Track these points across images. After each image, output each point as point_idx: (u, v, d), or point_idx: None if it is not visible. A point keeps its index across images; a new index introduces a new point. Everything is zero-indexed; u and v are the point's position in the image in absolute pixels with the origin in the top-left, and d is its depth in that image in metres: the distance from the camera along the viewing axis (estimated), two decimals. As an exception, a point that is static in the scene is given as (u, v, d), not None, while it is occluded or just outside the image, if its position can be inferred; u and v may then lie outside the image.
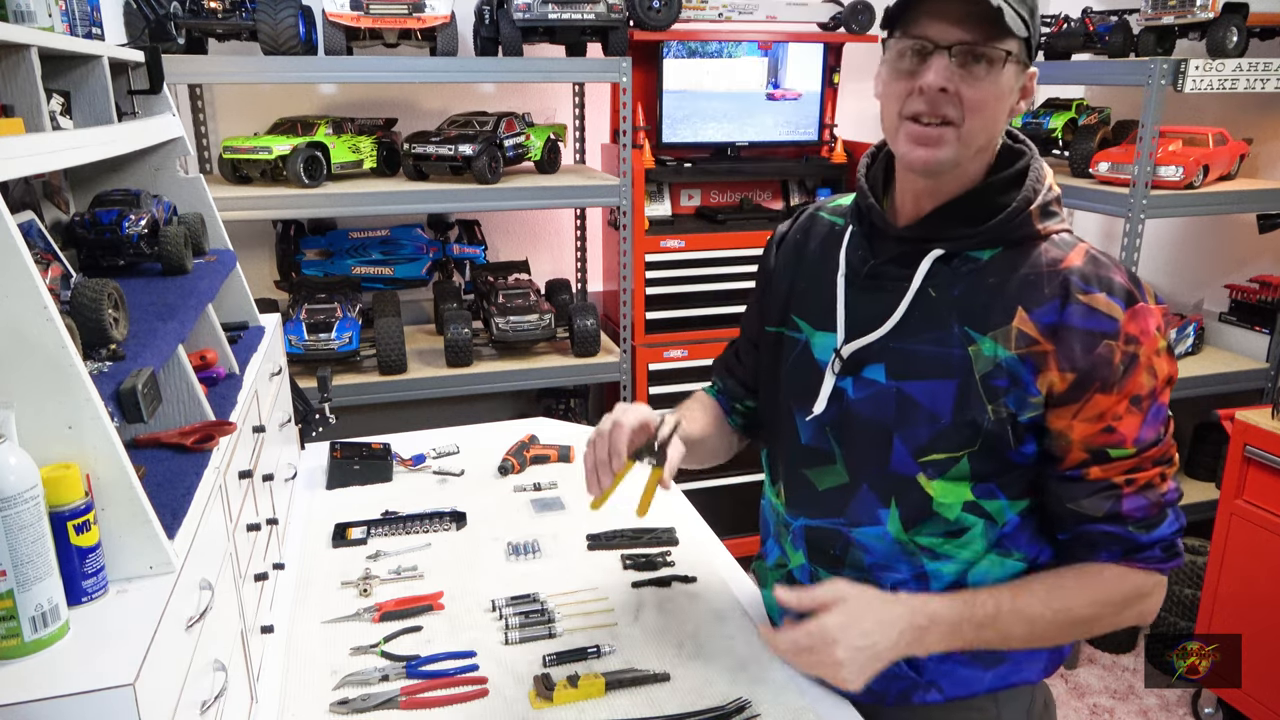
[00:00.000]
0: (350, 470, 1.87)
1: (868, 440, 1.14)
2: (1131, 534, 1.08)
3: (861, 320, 1.14)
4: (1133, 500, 1.08)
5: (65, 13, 1.41)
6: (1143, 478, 1.07)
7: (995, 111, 1.05)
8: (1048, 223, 1.09)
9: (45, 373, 0.84)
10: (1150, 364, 1.04)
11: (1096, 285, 1.04)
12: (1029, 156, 1.12)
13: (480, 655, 1.30)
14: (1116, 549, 1.09)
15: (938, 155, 1.05)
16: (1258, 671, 2.38)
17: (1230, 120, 3.00)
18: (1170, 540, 1.10)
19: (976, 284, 1.08)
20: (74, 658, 0.80)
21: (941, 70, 1.02)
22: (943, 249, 1.10)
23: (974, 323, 1.07)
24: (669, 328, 2.99)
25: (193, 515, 0.99)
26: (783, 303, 1.26)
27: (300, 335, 2.54)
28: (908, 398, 1.10)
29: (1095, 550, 1.11)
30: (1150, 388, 1.05)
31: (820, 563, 1.21)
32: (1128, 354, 1.03)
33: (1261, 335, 3.05)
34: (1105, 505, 1.08)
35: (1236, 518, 2.45)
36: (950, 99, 1.03)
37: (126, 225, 1.43)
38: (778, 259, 1.31)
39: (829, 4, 3.15)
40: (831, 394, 1.16)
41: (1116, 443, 1.06)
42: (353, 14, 2.48)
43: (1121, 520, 1.08)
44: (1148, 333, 1.04)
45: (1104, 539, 1.09)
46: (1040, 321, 1.04)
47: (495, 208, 2.76)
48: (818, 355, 1.20)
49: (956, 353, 1.08)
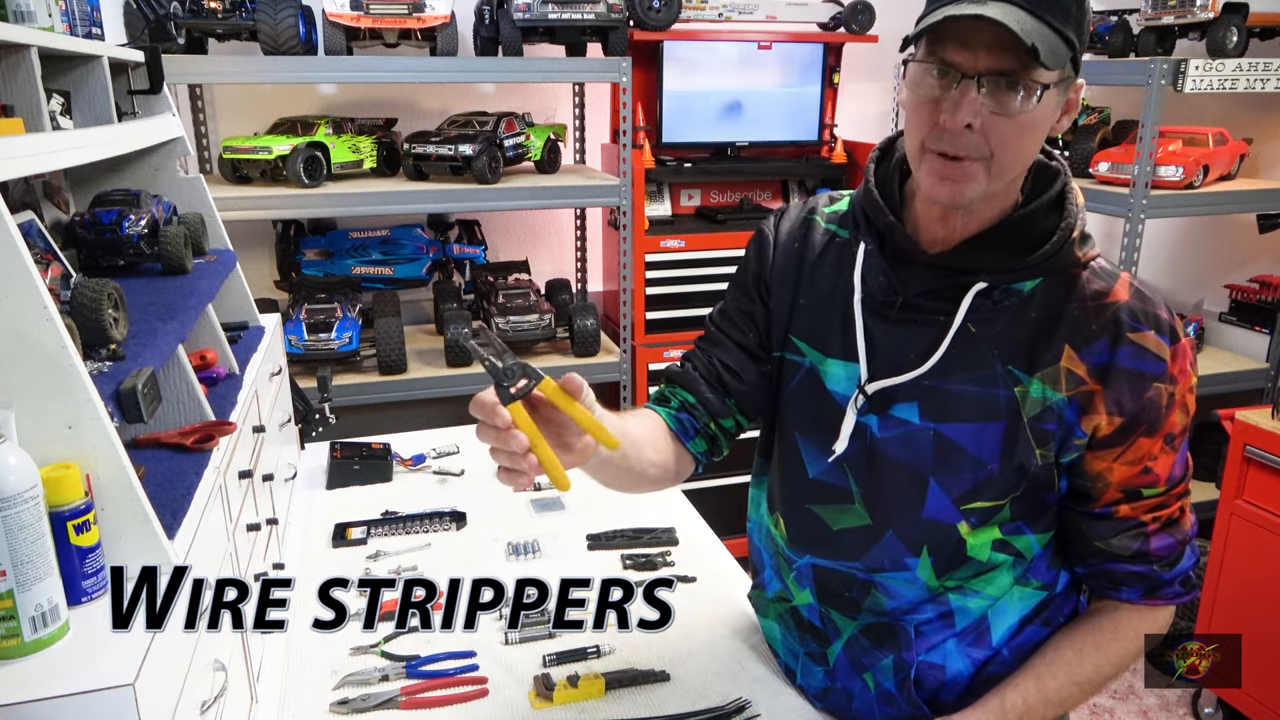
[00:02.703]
0: (350, 470, 1.87)
1: (899, 484, 1.06)
2: (1156, 573, 1.06)
3: (889, 354, 1.05)
4: (1160, 539, 1.05)
5: (65, 13, 1.41)
6: (1166, 514, 1.05)
7: (1029, 142, 0.95)
8: (1086, 249, 1.02)
9: (45, 373, 0.84)
10: (1184, 401, 1.01)
11: (1145, 322, 0.99)
12: (1064, 177, 1.03)
13: (480, 655, 1.30)
14: (1140, 587, 1.07)
15: (964, 193, 0.95)
16: (1258, 671, 2.38)
17: (1230, 120, 3.00)
18: (1188, 574, 1.08)
19: (1019, 319, 1.00)
20: (74, 658, 0.80)
21: (968, 106, 0.90)
22: (986, 281, 1.00)
23: (1019, 362, 1.00)
24: (669, 328, 2.99)
25: (193, 515, 0.99)
26: (783, 322, 1.15)
27: (300, 335, 2.54)
28: (947, 441, 1.03)
29: (1117, 587, 1.08)
30: (1183, 425, 1.02)
31: (833, 605, 1.15)
32: (1169, 394, 0.99)
33: (1261, 335, 3.05)
34: (1133, 545, 1.05)
35: (1236, 518, 2.45)
36: (977, 136, 0.91)
37: (126, 225, 1.43)
38: (775, 268, 1.16)
39: (829, 4, 3.15)
40: (854, 431, 1.08)
41: (1151, 483, 1.03)
42: (353, 14, 2.48)
43: (1148, 559, 1.05)
44: (1185, 371, 1.00)
45: (1128, 578, 1.07)
46: (1089, 361, 0.98)
47: (495, 208, 2.76)
48: (831, 386, 1.10)
49: (1003, 394, 1.00)
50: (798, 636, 1.21)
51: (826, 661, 1.17)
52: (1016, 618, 1.10)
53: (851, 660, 1.14)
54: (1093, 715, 2.75)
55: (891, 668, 1.11)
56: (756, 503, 1.26)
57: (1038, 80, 0.89)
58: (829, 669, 1.17)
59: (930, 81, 0.92)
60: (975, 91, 0.90)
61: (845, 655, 1.15)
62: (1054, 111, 0.94)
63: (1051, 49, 0.87)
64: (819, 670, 1.19)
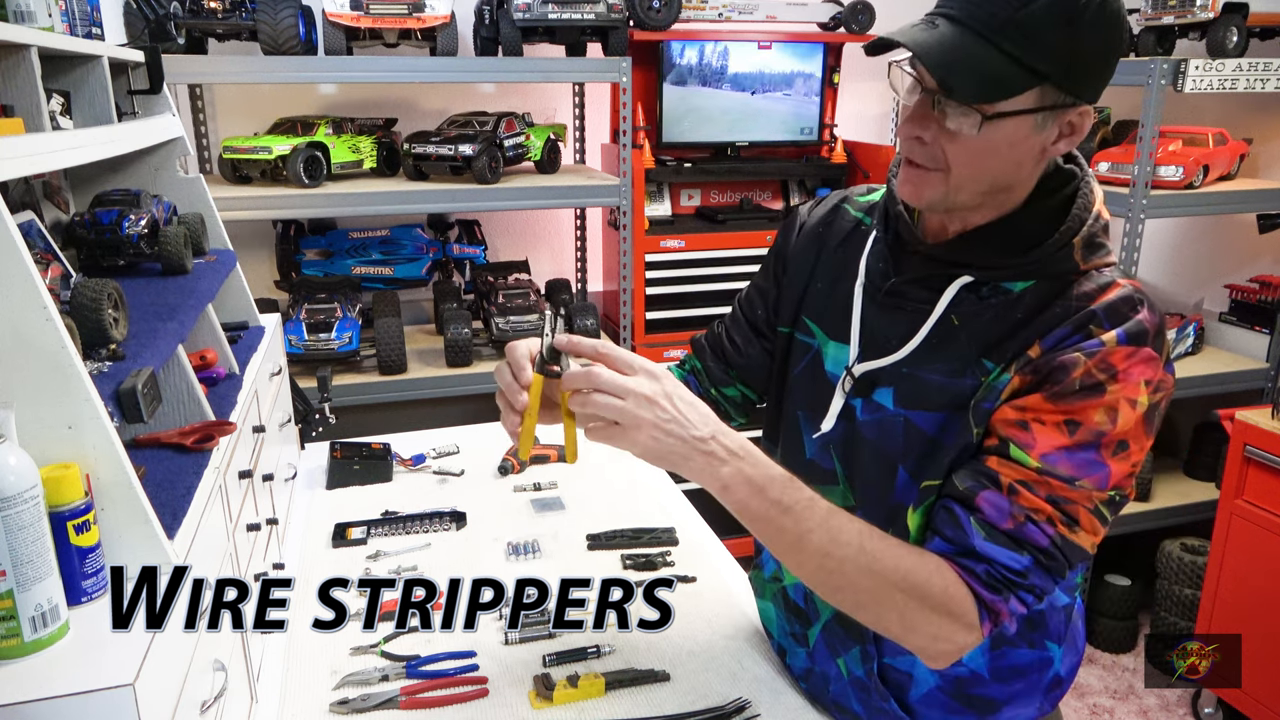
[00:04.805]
0: (350, 470, 1.87)
1: (873, 468, 1.07)
2: (968, 528, 0.94)
3: (877, 339, 1.07)
4: (995, 497, 0.93)
5: (65, 13, 1.41)
6: (1028, 500, 0.92)
7: (990, 164, 0.92)
8: (1092, 257, 0.97)
9: (45, 373, 0.84)
10: (1115, 406, 0.91)
11: (1111, 320, 0.93)
12: (1078, 179, 1.00)
13: (480, 655, 1.30)
14: (948, 535, 0.96)
15: (923, 195, 0.96)
16: (1258, 671, 2.38)
17: (1230, 120, 3.00)
18: (1003, 574, 0.93)
19: (1004, 318, 0.98)
20: (74, 658, 0.80)
21: (920, 120, 0.92)
22: (972, 276, 0.99)
23: (993, 356, 0.98)
24: (669, 328, 2.99)
25: (193, 515, 0.99)
26: (796, 301, 1.18)
27: (300, 335, 2.54)
28: (915, 428, 1.02)
29: (932, 529, 0.98)
30: (1098, 428, 0.91)
31: None
32: (1094, 379, 0.91)
33: (1261, 335, 3.05)
34: (968, 483, 0.95)
35: (1236, 518, 2.45)
36: (931, 149, 0.93)
37: (126, 225, 1.43)
38: (796, 247, 1.20)
39: (829, 4, 3.15)
40: (841, 412, 1.09)
41: (1023, 443, 0.93)
42: (353, 14, 2.48)
43: (971, 507, 0.95)
44: (1130, 376, 0.91)
45: (944, 518, 0.97)
46: (1044, 346, 0.94)
47: (495, 208, 2.76)
48: (828, 368, 1.12)
49: (969, 384, 0.99)
50: (786, 617, 1.24)
51: (807, 643, 1.20)
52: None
53: (828, 644, 1.17)
54: (1093, 715, 2.75)
55: (859, 657, 1.13)
56: None
57: (983, 109, 0.88)
58: (809, 650, 1.20)
59: (903, 88, 0.95)
60: (930, 106, 0.91)
61: (823, 638, 1.17)
62: (1027, 137, 0.91)
63: (982, 79, 0.86)
64: (801, 651, 1.22)
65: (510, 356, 0.99)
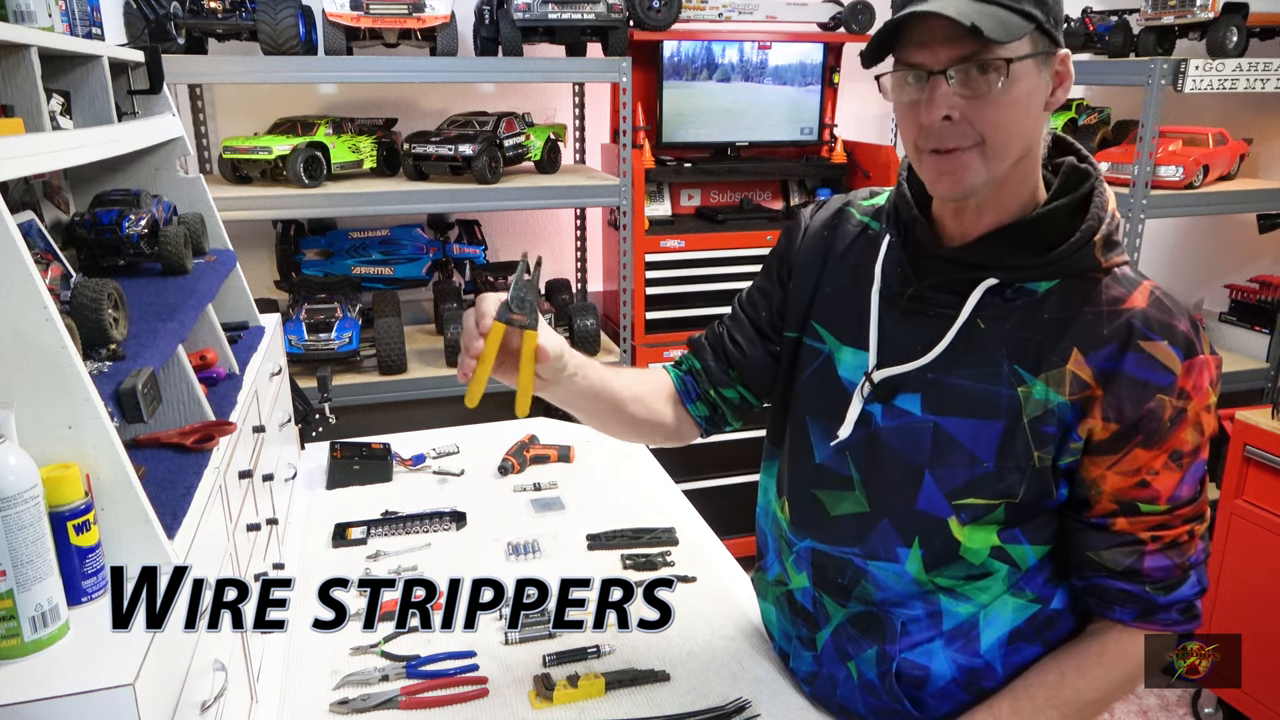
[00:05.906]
0: (350, 470, 1.87)
1: (896, 473, 1.07)
2: (1148, 594, 1.03)
3: (897, 344, 1.07)
4: (1155, 559, 1.02)
5: (65, 13, 1.41)
6: (1169, 535, 1.01)
7: (1019, 120, 0.94)
8: (1111, 255, 1.00)
9: (45, 373, 0.84)
10: (1198, 419, 0.98)
11: (1158, 332, 0.96)
12: (1094, 179, 1.02)
13: (480, 655, 1.30)
14: (1133, 608, 1.04)
15: (965, 181, 0.96)
16: (1258, 671, 2.38)
17: (1230, 120, 3.00)
18: (1189, 602, 1.04)
19: (1030, 319, 1.00)
20: (74, 658, 0.80)
21: (942, 100, 0.92)
22: (997, 278, 1.00)
23: (1025, 362, 0.99)
24: (669, 328, 2.99)
25: (193, 515, 0.99)
26: (804, 307, 1.18)
27: (300, 335, 2.54)
28: (946, 435, 1.03)
29: (1109, 606, 1.06)
30: (1194, 444, 0.99)
31: (826, 590, 1.16)
32: (1177, 409, 0.96)
33: (1261, 335, 3.05)
34: (1125, 561, 1.02)
35: (1236, 518, 2.45)
36: (961, 126, 0.93)
37: (126, 225, 1.43)
38: (801, 250, 1.20)
39: (829, 4, 3.15)
40: (858, 417, 1.09)
41: (1149, 498, 1.00)
42: (353, 14, 2.48)
43: (1140, 579, 1.02)
44: (1201, 388, 0.97)
45: (1119, 596, 1.04)
46: (1095, 366, 0.97)
47: (495, 208, 2.76)
48: (842, 373, 1.12)
49: (1005, 393, 1.00)
50: (790, 620, 1.23)
51: (815, 647, 1.19)
52: (1007, 628, 1.09)
53: (838, 647, 1.16)
54: (1093, 715, 2.75)
55: (875, 658, 1.12)
56: (765, 488, 1.29)
57: (1002, 57, 0.90)
58: (816, 654, 1.19)
59: (905, 86, 0.95)
60: (946, 85, 0.92)
61: (832, 642, 1.17)
62: (1037, 86, 0.94)
63: (1000, 23, 0.88)
64: (808, 655, 1.21)
65: (478, 304, 1.02)
